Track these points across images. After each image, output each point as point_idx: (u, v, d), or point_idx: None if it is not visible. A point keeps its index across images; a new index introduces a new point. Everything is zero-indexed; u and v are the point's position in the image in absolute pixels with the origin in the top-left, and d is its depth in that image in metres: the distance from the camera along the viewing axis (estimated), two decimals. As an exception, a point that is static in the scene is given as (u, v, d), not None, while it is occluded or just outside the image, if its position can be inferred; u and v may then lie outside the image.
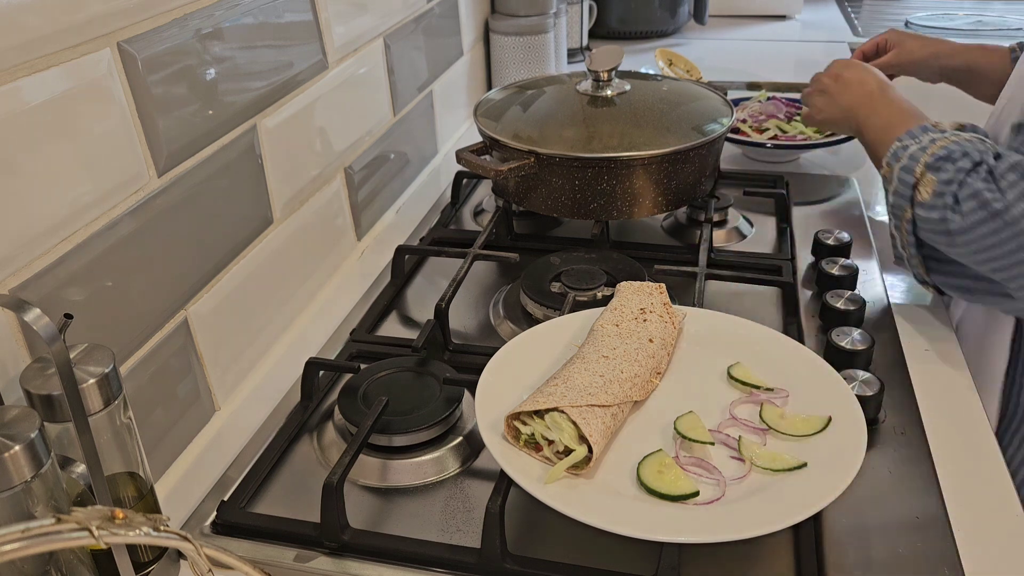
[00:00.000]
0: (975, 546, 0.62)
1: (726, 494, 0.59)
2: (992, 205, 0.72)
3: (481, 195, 1.20)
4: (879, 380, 0.73)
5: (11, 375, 0.54)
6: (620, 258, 0.93)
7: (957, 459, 0.70)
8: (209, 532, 0.66)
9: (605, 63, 1.02)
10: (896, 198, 0.80)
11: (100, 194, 0.60)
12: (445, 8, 1.26)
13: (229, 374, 0.78)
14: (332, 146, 0.94)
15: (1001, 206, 0.71)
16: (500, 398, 0.66)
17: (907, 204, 0.79)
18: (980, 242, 0.73)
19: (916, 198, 0.78)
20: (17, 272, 0.54)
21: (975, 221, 0.73)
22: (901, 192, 0.80)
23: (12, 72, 0.52)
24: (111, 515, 0.34)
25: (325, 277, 0.96)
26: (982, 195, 0.73)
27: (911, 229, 0.80)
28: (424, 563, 0.62)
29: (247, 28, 0.76)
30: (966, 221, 0.73)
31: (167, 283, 0.68)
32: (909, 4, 2.24)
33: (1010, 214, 0.71)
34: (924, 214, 0.77)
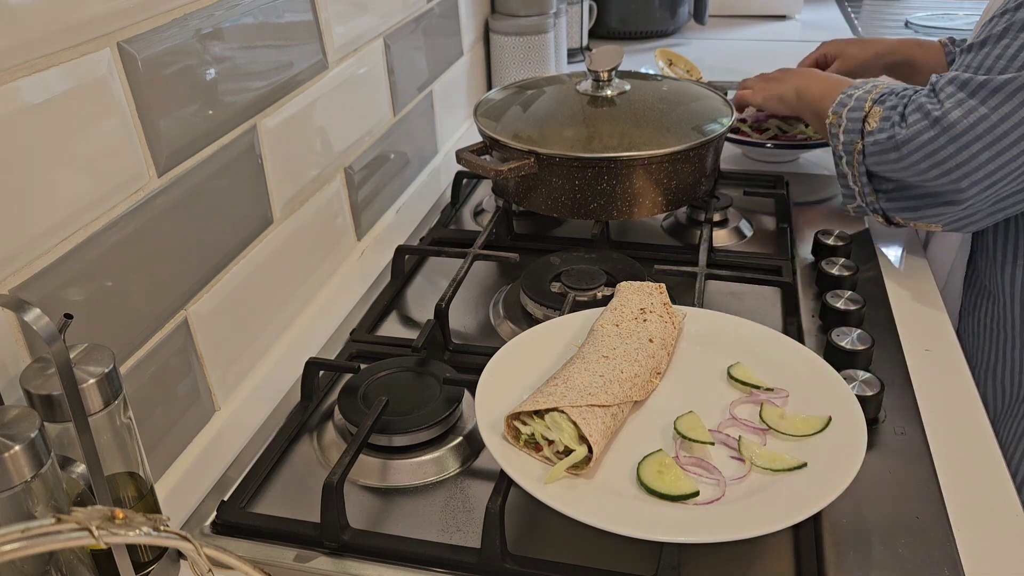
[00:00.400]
0: (975, 546, 0.62)
1: (726, 494, 0.59)
2: (932, 113, 0.82)
3: (481, 195, 1.20)
4: (879, 380, 0.73)
5: (11, 375, 0.54)
6: (620, 258, 0.93)
7: (957, 459, 0.70)
8: (209, 532, 0.66)
9: (605, 63, 1.02)
10: (847, 135, 0.91)
11: (100, 194, 0.60)
12: (445, 8, 1.26)
13: (229, 374, 0.78)
14: (332, 146, 0.94)
15: (939, 113, 0.82)
16: (500, 398, 0.66)
17: (858, 138, 0.90)
18: (923, 149, 0.83)
19: (865, 129, 0.89)
20: (17, 272, 0.54)
21: (918, 130, 0.83)
22: (851, 129, 0.91)
23: (12, 72, 0.52)
24: (111, 515, 0.34)
25: (325, 277, 0.96)
26: (924, 107, 0.84)
27: (862, 159, 0.90)
28: (424, 563, 0.62)
29: (247, 28, 0.76)
30: (910, 131, 0.84)
31: (167, 283, 0.68)
32: (909, 4, 2.24)
33: (947, 119, 0.81)
34: (873, 139, 0.88)
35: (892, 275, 0.97)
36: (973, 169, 0.81)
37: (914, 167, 0.85)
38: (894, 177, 0.89)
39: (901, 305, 0.91)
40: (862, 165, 0.91)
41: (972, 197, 0.83)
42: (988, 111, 0.79)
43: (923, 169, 0.84)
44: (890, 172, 0.88)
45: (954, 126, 0.80)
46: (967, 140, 0.80)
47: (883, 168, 0.89)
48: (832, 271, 0.91)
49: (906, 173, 0.86)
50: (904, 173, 0.87)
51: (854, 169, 0.92)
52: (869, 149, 0.89)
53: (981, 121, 0.79)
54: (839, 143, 0.92)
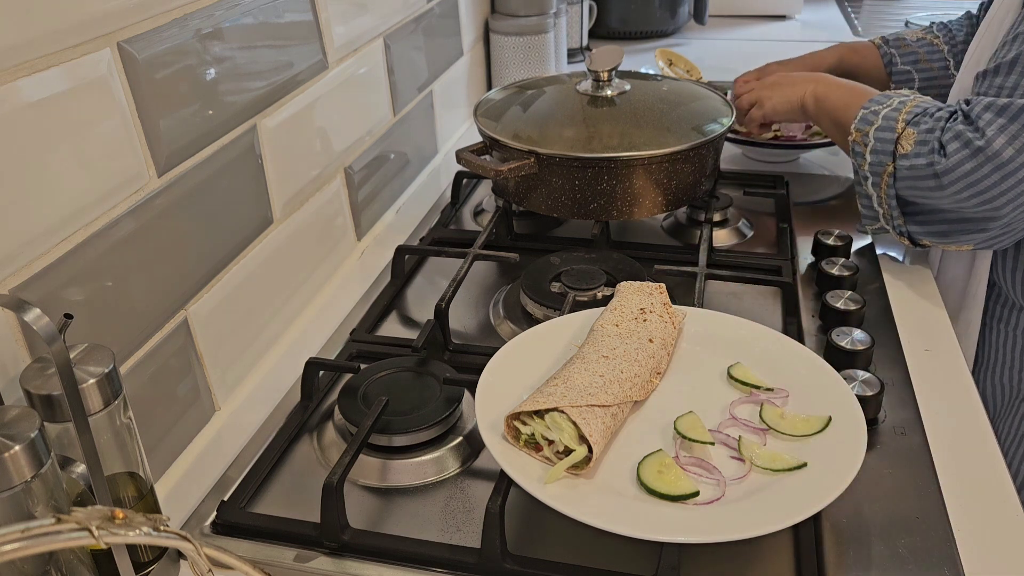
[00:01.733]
0: (975, 546, 0.62)
1: (726, 494, 0.59)
2: (974, 143, 0.80)
3: (481, 195, 1.20)
4: (879, 380, 0.73)
5: (11, 375, 0.54)
6: (620, 258, 0.93)
7: (957, 459, 0.70)
8: (209, 532, 0.66)
9: (605, 63, 1.02)
10: (876, 156, 0.88)
11: (100, 194, 0.60)
12: (445, 8, 1.26)
13: (229, 374, 0.78)
14: (332, 146, 0.94)
15: (982, 143, 0.79)
16: (500, 398, 0.66)
17: (888, 160, 0.87)
18: (966, 179, 0.81)
19: (898, 152, 0.86)
20: (17, 272, 0.54)
21: (959, 159, 0.81)
22: (881, 150, 0.87)
23: (12, 72, 0.52)
24: (111, 515, 0.34)
25: (325, 277, 0.96)
26: (964, 135, 0.81)
27: (892, 183, 0.87)
28: (424, 563, 0.62)
29: (247, 28, 0.76)
30: (951, 161, 0.81)
31: (167, 283, 0.68)
32: (909, 4, 2.24)
33: (991, 148, 0.79)
34: (909, 163, 0.85)
35: (892, 275, 0.97)
36: (1017, 195, 0.80)
37: (954, 196, 0.82)
38: (925, 204, 0.87)
39: (901, 305, 0.91)
40: (892, 188, 0.88)
41: (1011, 219, 0.82)
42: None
43: (964, 198, 0.82)
44: (924, 198, 0.86)
45: (999, 155, 0.78)
46: (1013, 167, 0.78)
47: (916, 194, 0.86)
48: (832, 271, 0.91)
49: (944, 202, 0.84)
50: (942, 202, 0.84)
51: (881, 191, 0.89)
52: (903, 174, 0.86)
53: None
54: (865, 163, 0.89)
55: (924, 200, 0.86)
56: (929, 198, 0.85)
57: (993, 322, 0.98)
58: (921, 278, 0.96)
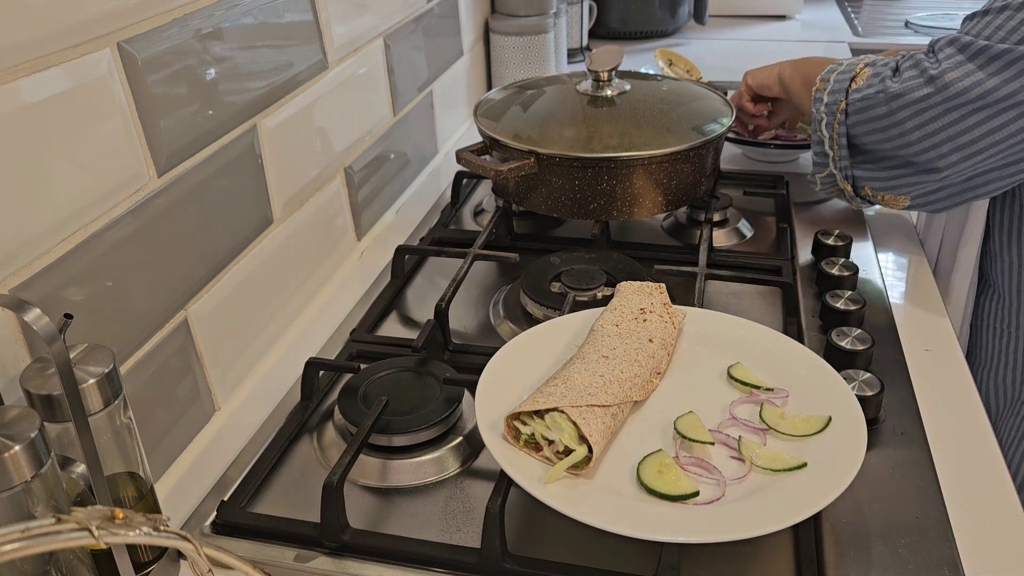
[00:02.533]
0: (975, 546, 0.62)
1: (726, 494, 0.59)
2: (928, 71, 0.82)
3: (481, 195, 1.20)
4: (879, 380, 0.73)
5: (11, 375, 0.54)
6: (620, 258, 0.93)
7: (957, 459, 0.70)
8: (209, 532, 0.66)
9: (605, 63, 1.02)
10: (832, 96, 0.90)
11: (100, 194, 0.60)
12: (445, 8, 1.26)
13: (229, 374, 0.78)
14: (332, 146, 0.94)
15: (936, 72, 0.81)
16: (500, 398, 0.66)
17: (842, 97, 0.89)
18: (913, 106, 0.82)
19: (851, 88, 0.88)
20: (17, 272, 0.54)
21: (911, 85, 0.82)
22: (837, 89, 0.90)
23: (12, 72, 0.52)
24: (111, 515, 0.34)
25: (325, 277, 0.96)
26: (921, 63, 0.83)
27: (844, 119, 0.89)
28: (424, 563, 0.62)
29: (247, 28, 0.76)
30: (903, 86, 0.83)
31: (167, 283, 0.68)
32: (909, 4, 2.24)
33: (942, 79, 0.80)
34: (861, 95, 0.87)
35: (892, 275, 0.97)
36: (957, 134, 0.80)
37: (899, 126, 0.84)
38: (871, 142, 0.88)
39: (901, 305, 0.91)
40: (843, 126, 0.89)
41: (949, 167, 0.83)
42: (984, 76, 0.78)
43: (908, 130, 0.83)
44: (871, 132, 0.87)
45: (948, 87, 0.80)
46: (959, 103, 0.79)
47: (865, 128, 0.88)
48: (832, 271, 0.91)
49: (888, 133, 0.85)
50: (886, 133, 0.86)
51: (833, 131, 0.91)
52: (854, 107, 0.88)
53: (976, 86, 0.79)
54: (822, 106, 0.91)
55: (871, 136, 0.88)
56: (876, 129, 0.86)
57: (990, 320, 0.98)
58: (921, 278, 0.96)
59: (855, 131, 0.89)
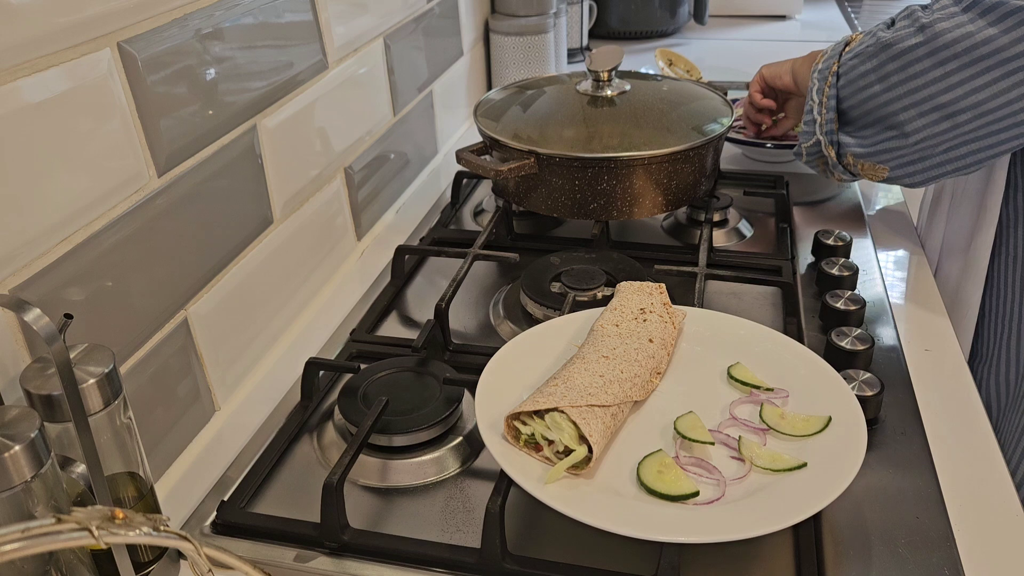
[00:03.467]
0: (975, 546, 0.62)
1: (726, 494, 0.59)
2: (920, 20, 0.81)
3: (481, 195, 1.20)
4: (879, 380, 0.73)
5: (11, 375, 0.54)
6: (620, 258, 0.93)
7: (957, 459, 0.70)
8: (209, 532, 0.66)
9: (605, 63, 1.02)
10: (826, 62, 0.91)
11: (100, 194, 0.60)
12: (445, 8, 1.26)
13: (229, 374, 0.78)
14: (332, 146, 0.94)
15: (927, 20, 0.81)
16: (500, 398, 0.66)
17: (835, 60, 0.90)
18: (901, 57, 0.82)
19: (844, 51, 0.89)
20: (17, 272, 0.54)
21: (902, 35, 0.82)
22: (832, 54, 0.91)
23: (12, 72, 0.52)
24: (111, 515, 0.34)
25: (325, 277, 0.96)
26: (915, 14, 0.83)
27: (835, 82, 0.90)
28: (424, 563, 0.62)
29: (247, 28, 0.76)
30: (895, 35, 0.83)
31: (167, 283, 0.68)
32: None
33: (933, 28, 0.80)
34: (852, 53, 0.88)
35: (892, 275, 0.97)
36: (940, 91, 0.79)
37: (885, 80, 0.83)
38: (856, 103, 0.88)
39: (901, 305, 0.91)
40: (833, 88, 0.90)
41: (928, 128, 0.82)
42: (974, 29, 0.77)
43: (893, 83, 0.83)
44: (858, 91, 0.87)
45: (937, 37, 0.79)
46: (946, 56, 0.78)
47: (852, 88, 0.88)
48: (832, 271, 0.91)
49: (873, 89, 0.85)
50: (871, 89, 0.85)
51: (823, 96, 0.91)
52: (845, 67, 0.88)
53: (965, 38, 0.77)
54: (816, 73, 0.92)
55: (857, 95, 0.87)
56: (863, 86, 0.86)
57: (993, 316, 0.97)
58: (921, 278, 0.96)
59: (843, 93, 0.89)
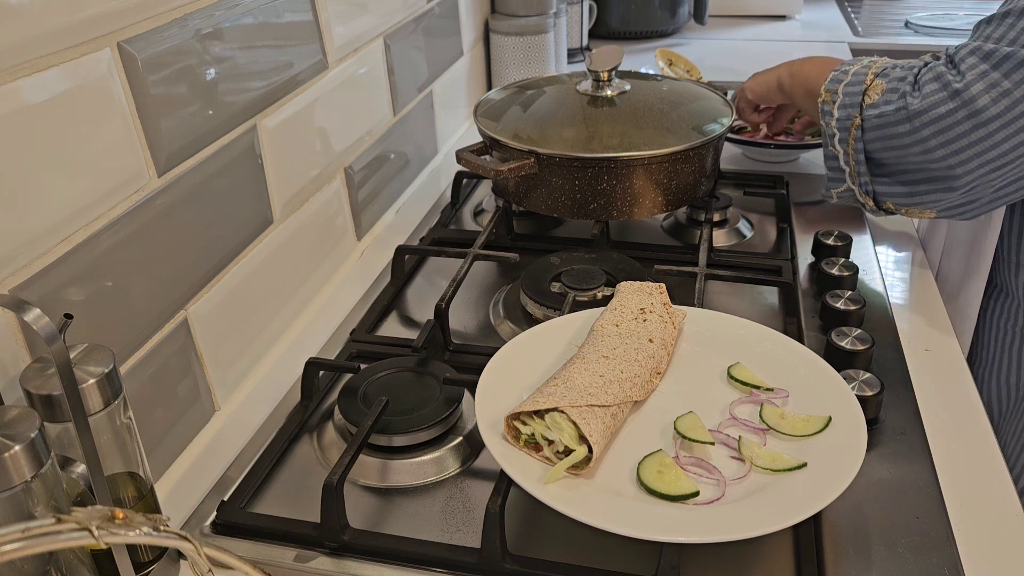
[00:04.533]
0: (975, 546, 0.62)
1: (726, 494, 0.59)
2: (952, 85, 0.77)
3: (481, 195, 1.20)
4: (879, 380, 0.73)
5: (11, 375, 0.54)
6: (620, 258, 0.93)
7: (957, 459, 0.70)
8: (209, 532, 0.66)
9: (605, 63, 1.02)
10: (843, 111, 0.86)
11: (100, 194, 0.60)
12: (445, 8, 1.26)
13: (229, 374, 0.78)
14: (332, 146, 0.94)
15: (960, 85, 0.76)
16: (500, 398, 0.66)
17: (856, 112, 0.85)
18: (937, 124, 0.78)
19: (865, 103, 0.84)
20: (17, 272, 0.54)
21: (934, 101, 0.78)
22: (848, 103, 0.86)
23: (12, 72, 0.52)
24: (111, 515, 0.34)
25: (325, 277, 0.96)
26: (944, 76, 0.78)
27: (860, 135, 0.85)
28: (424, 563, 0.62)
29: (247, 28, 0.76)
30: (926, 101, 0.78)
31: (167, 283, 0.68)
32: (909, 4, 2.24)
33: (968, 92, 0.76)
34: (878, 111, 0.83)
35: (892, 275, 0.97)
36: (986, 149, 0.76)
37: (922, 144, 0.80)
38: (891, 158, 0.85)
39: (901, 305, 0.91)
40: (859, 142, 0.86)
41: (977, 180, 0.79)
42: (1011, 86, 0.74)
43: (931, 147, 0.79)
44: (891, 149, 0.84)
45: (974, 101, 0.75)
46: (986, 117, 0.75)
47: (884, 144, 0.84)
48: (832, 271, 0.91)
49: (910, 151, 0.81)
50: (908, 151, 0.82)
51: (848, 147, 0.87)
52: (871, 123, 0.84)
53: (1003, 97, 0.75)
54: (832, 120, 0.87)
55: (891, 152, 0.84)
56: (897, 147, 0.83)
57: (993, 319, 0.97)
58: (921, 278, 0.96)
59: (873, 147, 0.85)
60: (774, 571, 0.60)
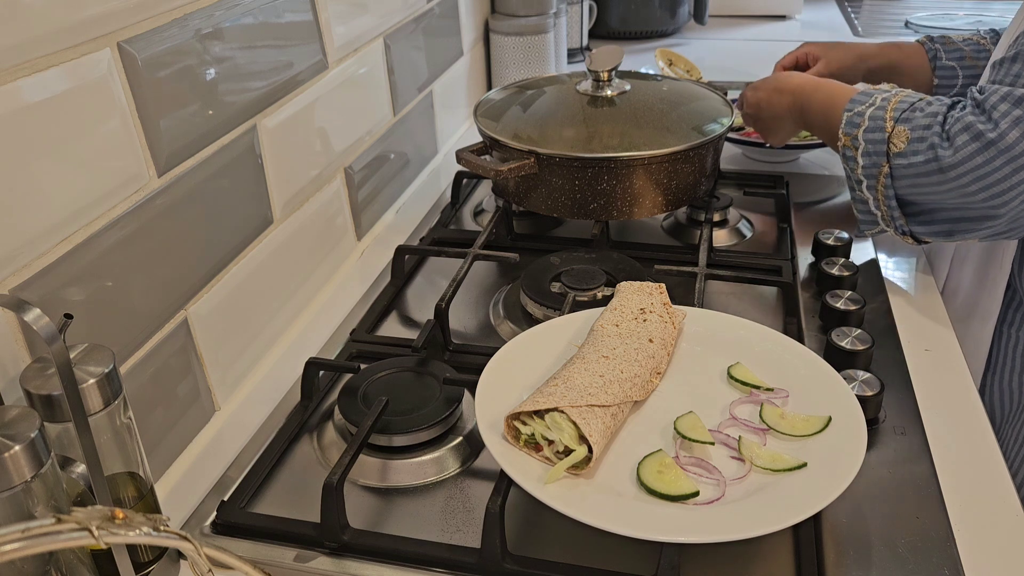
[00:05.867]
0: (975, 546, 0.62)
1: (726, 494, 0.59)
2: (986, 135, 0.76)
3: (481, 195, 1.20)
4: (879, 380, 0.73)
5: (11, 375, 0.54)
6: (620, 258, 0.93)
7: (957, 459, 0.70)
8: (209, 532, 0.66)
9: (605, 63, 1.02)
10: (868, 158, 0.85)
11: (100, 194, 0.60)
12: (445, 8, 1.26)
13: (229, 374, 0.78)
14: (332, 146, 0.94)
15: (995, 135, 0.75)
16: (500, 398, 0.66)
17: (883, 160, 0.83)
18: (974, 172, 0.77)
19: (891, 150, 0.82)
20: (17, 272, 0.54)
21: (969, 153, 0.77)
22: (873, 151, 0.84)
23: (12, 72, 0.52)
24: (111, 515, 0.34)
25: (325, 277, 0.96)
26: (974, 127, 0.77)
27: (889, 183, 0.84)
28: (424, 563, 0.62)
29: (247, 28, 0.76)
30: (960, 154, 0.77)
31: (167, 283, 0.68)
32: (909, 4, 2.24)
33: (1004, 141, 0.75)
34: (907, 161, 0.81)
35: (892, 275, 0.97)
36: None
37: (961, 190, 0.79)
38: (927, 201, 0.83)
39: (901, 305, 0.91)
40: (890, 188, 0.84)
41: (1018, 211, 0.78)
42: None
43: (971, 192, 0.78)
44: (926, 195, 0.82)
45: (1012, 147, 0.75)
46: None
47: (918, 191, 0.83)
48: (832, 271, 0.91)
49: (948, 196, 0.80)
50: (946, 196, 0.81)
51: (878, 194, 0.85)
52: (901, 172, 0.82)
53: None
54: (858, 167, 0.86)
55: (926, 197, 0.83)
56: (932, 194, 0.82)
57: (1004, 327, 0.96)
58: (921, 278, 0.96)
59: (905, 192, 0.84)
60: (774, 571, 0.60)
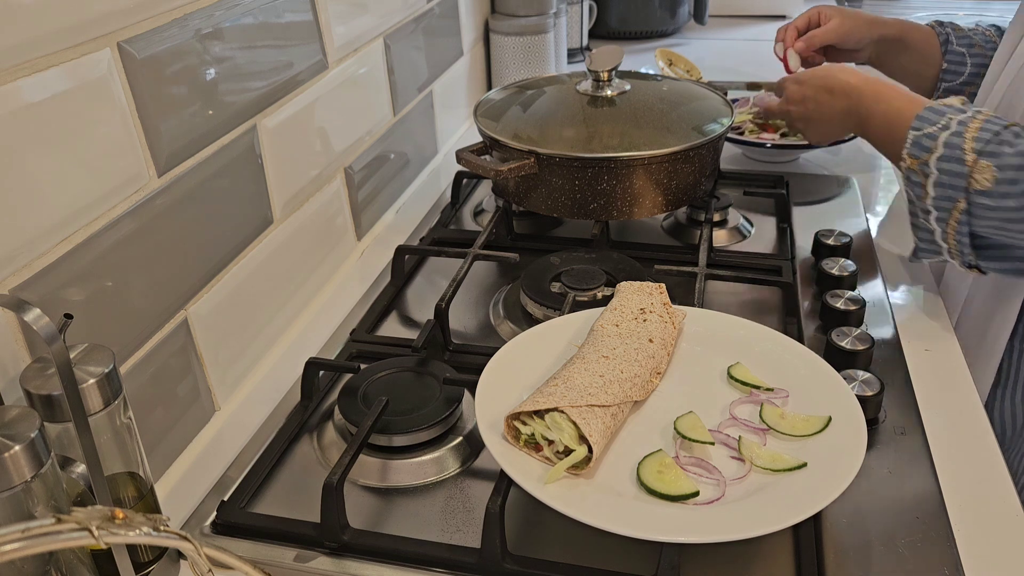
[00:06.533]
0: (975, 546, 0.62)
1: (726, 494, 0.59)
2: None
3: (481, 195, 1.20)
4: (879, 380, 0.73)
5: (11, 375, 0.54)
6: (620, 258, 0.93)
7: (957, 459, 0.70)
8: (209, 532, 0.66)
9: (605, 63, 1.02)
10: (942, 189, 0.77)
11: (100, 194, 0.60)
12: (445, 8, 1.26)
13: (229, 374, 0.78)
14: (332, 146, 0.94)
15: None
16: (500, 398, 0.66)
17: (960, 195, 0.76)
18: None
19: (972, 186, 0.75)
20: (17, 272, 0.54)
21: None
22: (948, 184, 0.76)
23: (12, 72, 0.52)
24: (111, 515, 0.34)
25: (325, 277, 0.96)
26: None
27: (965, 219, 0.77)
28: (424, 563, 0.62)
29: (247, 28, 0.76)
30: None
31: (167, 283, 0.68)
32: (909, 4, 2.24)
33: None
34: (993, 203, 0.74)
35: (892, 275, 0.97)
36: None
37: None
38: (1006, 240, 0.78)
39: (901, 305, 0.91)
40: (964, 225, 0.77)
41: None
42: None
43: None
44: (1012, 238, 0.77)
45: None
46: None
47: (1003, 233, 0.76)
48: (832, 271, 0.91)
49: None
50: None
51: (948, 227, 0.78)
52: (984, 212, 0.75)
53: None
54: (927, 196, 0.78)
55: (1010, 239, 0.77)
56: (1016, 233, 0.76)
57: (1016, 340, 0.93)
58: (921, 278, 0.96)
59: (985, 231, 0.78)
60: (774, 571, 0.60)
